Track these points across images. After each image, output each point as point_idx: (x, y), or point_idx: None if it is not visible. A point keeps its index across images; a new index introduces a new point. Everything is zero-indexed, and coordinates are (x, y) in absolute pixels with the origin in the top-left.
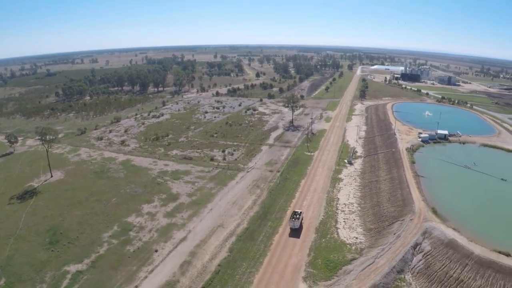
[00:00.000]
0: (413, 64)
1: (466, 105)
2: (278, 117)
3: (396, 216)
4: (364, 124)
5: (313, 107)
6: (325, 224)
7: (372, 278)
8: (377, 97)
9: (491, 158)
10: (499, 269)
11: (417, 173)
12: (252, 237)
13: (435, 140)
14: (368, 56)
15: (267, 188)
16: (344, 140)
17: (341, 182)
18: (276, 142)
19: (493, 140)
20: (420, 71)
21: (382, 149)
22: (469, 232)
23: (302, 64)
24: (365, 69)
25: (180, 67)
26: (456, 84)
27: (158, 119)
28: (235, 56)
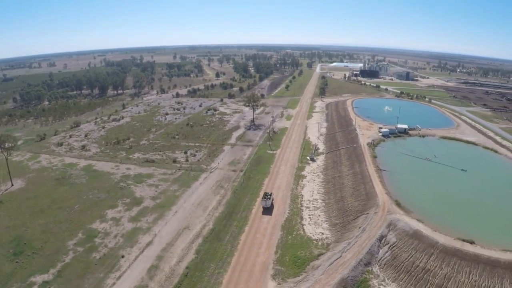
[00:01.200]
0: (371, 60)
1: (425, 99)
2: (239, 116)
3: (361, 210)
4: (325, 121)
5: (274, 106)
6: (291, 221)
7: (340, 272)
8: (337, 94)
9: (450, 150)
10: (464, 256)
11: (379, 167)
12: (218, 238)
13: (395, 135)
14: (327, 54)
15: (231, 188)
16: (306, 137)
17: (304, 179)
18: (238, 141)
19: (452, 133)
20: (379, 67)
21: (343, 145)
22: (433, 223)
23: (262, 63)
24: (324, 66)
25: (139, 69)
26: (414, 79)
27: (119, 122)
28: (194, 56)
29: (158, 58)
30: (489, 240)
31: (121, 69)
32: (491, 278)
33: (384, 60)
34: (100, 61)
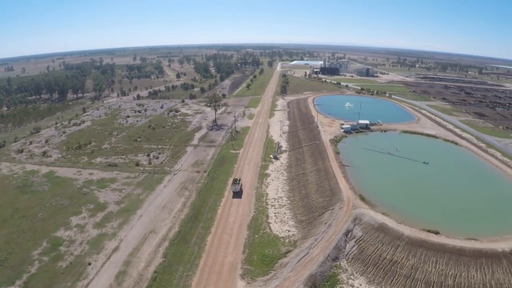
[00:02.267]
0: (332, 58)
1: (385, 95)
2: (201, 117)
3: (326, 206)
4: (287, 119)
5: (236, 105)
6: (257, 220)
7: (308, 268)
8: (298, 92)
9: (412, 143)
10: (429, 247)
11: (342, 163)
12: (185, 240)
13: (357, 130)
14: (288, 52)
15: (195, 189)
16: (268, 135)
17: (268, 177)
18: (200, 142)
19: (413, 127)
20: (339, 65)
21: (306, 142)
22: (398, 215)
23: (223, 63)
24: (285, 65)
25: (99, 72)
26: (374, 76)
27: (80, 126)
28: (154, 57)
29: (118, 60)
30: (453, 230)
31: (80, 72)
32: (457, 266)
33: (344, 57)
34: (59, 64)
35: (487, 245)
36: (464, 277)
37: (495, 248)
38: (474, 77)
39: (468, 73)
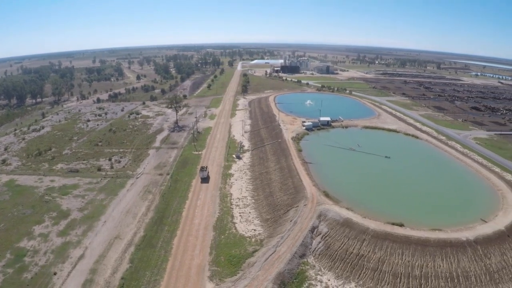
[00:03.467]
0: (292, 56)
1: (346, 92)
2: (163, 119)
3: (290, 204)
4: (248, 118)
5: (197, 106)
6: (222, 221)
7: (276, 267)
8: (259, 91)
9: (373, 138)
10: (395, 239)
11: (305, 160)
12: (151, 244)
13: (318, 127)
14: (248, 52)
15: (159, 192)
16: (231, 135)
17: (232, 177)
18: (162, 144)
19: (374, 122)
20: (299, 63)
21: (268, 141)
22: (362, 210)
23: (183, 64)
24: (245, 64)
25: (58, 75)
26: (334, 73)
27: (39, 132)
28: (114, 59)
29: (77, 63)
30: (417, 222)
31: (39, 76)
32: (423, 257)
33: (304, 55)
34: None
35: (452, 234)
36: (431, 267)
37: (459, 237)
38: (432, 72)
39: (426, 68)
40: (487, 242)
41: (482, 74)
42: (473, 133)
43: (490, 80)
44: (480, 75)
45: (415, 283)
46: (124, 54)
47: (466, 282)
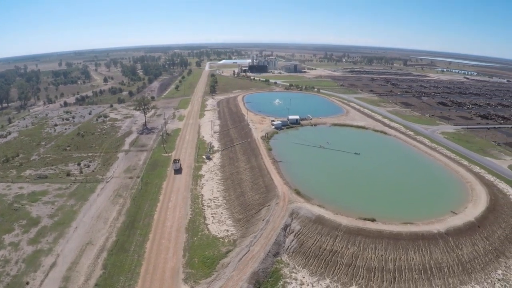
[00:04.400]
0: (259, 56)
1: (314, 90)
2: (131, 121)
3: (262, 203)
4: (217, 118)
5: (165, 107)
6: (194, 223)
7: (250, 266)
8: (228, 91)
9: (343, 135)
10: (367, 234)
11: (275, 159)
12: (124, 249)
13: (288, 126)
14: (216, 52)
15: (129, 196)
16: (200, 136)
17: (202, 178)
18: (132, 147)
19: (342, 119)
20: (267, 62)
21: (238, 141)
22: (334, 206)
23: (150, 65)
24: (213, 64)
25: (24, 79)
26: (302, 71)
27: (6, 138)
28: (81, 62)
29: (43, 67)
30: (389, 216)
31: (4, 80)
32: (396, 250)
33: (271, 54)
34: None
35: (423, 227)
36: (404, 260)
37: (431, 230)
38: (399, 69)
39: (393, 65)
40: (458, 233)
41: (448, 70)
42: (441, 128)
43: (456, 75)
44: (446, 71)
45: (389, 276)
46: (91, 57)
47: (439, 273)
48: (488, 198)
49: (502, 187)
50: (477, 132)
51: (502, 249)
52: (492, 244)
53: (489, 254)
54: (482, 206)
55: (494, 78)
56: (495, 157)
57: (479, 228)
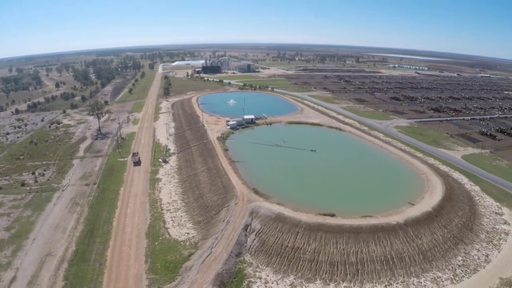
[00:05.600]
0: (213, 56)
1: (268, 89)
2: (85, 126)
3: (221, 204)
4: (172, 120)
5: (119, 111)
6: (154, 227)
7: (214, 268)
8: (182, 93)
9: (298, 133)
10: (328, 229)
11: (232, 159)
12: (84, 258)
13: (243, 126)
14: (169, 54)
15: (87, 203)
16: (155, 139)
17: (160, 182)
18: (87, 153)
19: (297, 117)
20: (220, 63)
21: (194, 142)
22: (293, 204)
23: (103, 69)
24: (166, 66)
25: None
26: (255, 71)
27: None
28: (31, 67)
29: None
30: (348, 210)
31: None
32: (357, 243)
33: (225, 55)
34: None
35: (382, 220)
36: (365, 252)
37: (390, 222)
38: (352, 66)
39: (346, 62)
40: (416, 223)
41: (399, 66)
42: (394, 122)
43: (408, 71)
44: (398, 66)
45: (352, 269)
46: (42, 62)
47: (401, 263)
48: (443, 188)
49: (457, 177)
50: (430, 125)
51: (460, 236)
52: (451, 232)
53: (448, 242)
54: (438, 196)
55: (445, 73)
56: (448, 148)
57: (437, 217)
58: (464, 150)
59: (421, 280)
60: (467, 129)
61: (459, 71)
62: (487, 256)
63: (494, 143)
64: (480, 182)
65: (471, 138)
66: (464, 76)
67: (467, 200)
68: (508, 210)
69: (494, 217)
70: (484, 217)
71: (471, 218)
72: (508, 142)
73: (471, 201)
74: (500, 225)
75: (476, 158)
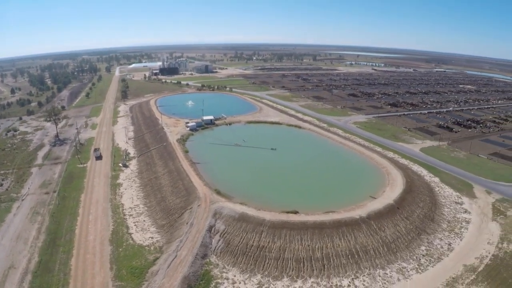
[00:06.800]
0: (170, 58)
1: (226, 89)
2: (42, 133)
3: (184, 206)
4: (131, 124)
5: (77, 116)
6: (118, 233)
7: (180, 271)
8: (140, 95)
9: (258, 132)
10: (292, 226)
11: (192, 161)
12: (48, 269)
13: (202, 127)
14: (125, 56)
15: (48, 212)
16: (115, 144)
17: (121, 187)
18: (45, 161)
19: (256, 116)
20: (178, 64)
21: (154, 145)
22: (256, 203)
23: (59, 73)
24: (123, 69)
25: None
26: (213, 71)
27: None
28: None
29: None
30: (311, 207)
31: None
32: (322, 239)
33: (182, 56)
34: None
35: (345, 214)
36: (330, 247)
37: (353, 216)
38: (309, 64)
39: (303, 61)
40: (379, 216)
41: (356, 63)
42: (353, 118)
43: (365, 67)
44: (355, 63)
45: (318, 264)
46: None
47: (366, 256)
48: (404, 181)
49: (416, 169)
50: (388, 119)
51: (422, 227)
52: (413, 223)
53: (411, 233)
54: (399, 189)
55: (401, 68)
56: (406, 141)
57: (399, 210)
58: (422, 143)
59: (386, 271)
60: (425, 122)
61: (415, 66)
62: (450, 244)
63: (451, 135)
64: (439, 174)
65: (429, 131)
66: (420, 71)
67: (427, 191)
68: (467, 199)
69: (454, 207)
70: (445, 207)
71: (432, 209)
72: (464, 134)
73: (432, 192)
74: (461, 214)
75: (434, 150)
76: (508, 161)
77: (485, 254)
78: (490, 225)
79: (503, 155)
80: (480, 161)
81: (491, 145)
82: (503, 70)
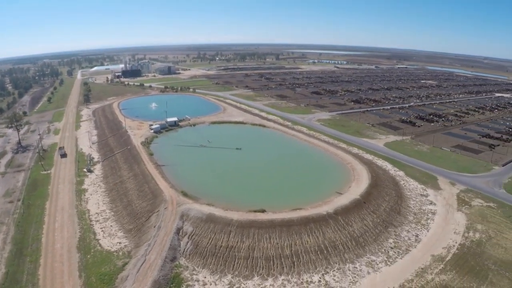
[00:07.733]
0: (132, 60)
1: (189, 90)
2: (4, 140)
3: (151, 209)
4: (94, 128)
5: (39, 122)
6: (85, 240)
7: (150, 276)
8: (102, 99)
9: (223, 132)
10: (260, 225)
11: (157, 163)
12: (15, 280)
13: (167, 129)
14: (87, 59)
15: (13, 221)
16: (78, 149)
17: (86, 192)
18: (8, 169)
19: (220, 117)
20: (141, 66)
21: (118, 149)
22: (223, 203)
23: (20, 78)
24: (85, 72)
25: None
26: (176, 73)
27: None
28: None
29: None
30: (278, 205)
31: None
32: (290, 236)
33: (144, 58)
34: None
35: (312, 211)
36: (299, 244)
37: (320, 212)
38: (272, 63)
39: (266, 60)
40: (346, 212)
41: (319, 61)
42: (317, 116)
43: (327, 65)
44: (318, 62)
45: (288, 262)
46: None
47: (335, 251)
48: (369, 176)
49: (381, 164)
50: (352, 116)
51: (389, 220)
52: (380, 217)
53: (378, 226)
54: (365, 184)
55: (363, 65)
56: (370, 137)
57: (365, 204)
58: (386, 138)
59: (356, 265)
60: (388, 118)
61: (377, 63)
62: (417, 236)
63: (414, 129)
64: (404, 167)
65: (392, 126)
66: (382, 68)
67: (392, 185)
68: (432, 191)
69: (420, 199)
70: (411, 200)
71: (398, 202)
72: (427, 128)
73: (397, 186)
74: (427, 206)
75: (398, 145)
76: (471, 153)
77: (452, 244)
78: (455, 215)
79: (465, 147)
80: (443, 154)
81: (453, 138)
82: (464, 65)
